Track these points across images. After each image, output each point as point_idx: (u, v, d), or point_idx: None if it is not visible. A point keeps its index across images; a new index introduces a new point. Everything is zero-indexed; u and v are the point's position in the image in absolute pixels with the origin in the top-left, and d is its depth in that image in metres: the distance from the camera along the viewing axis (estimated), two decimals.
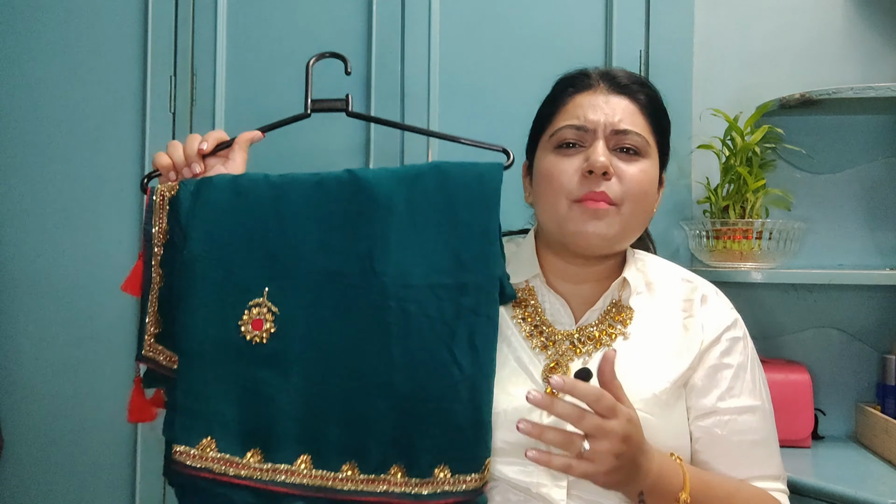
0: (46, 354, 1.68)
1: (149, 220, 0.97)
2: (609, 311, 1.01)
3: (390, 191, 0.94)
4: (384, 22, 1.62)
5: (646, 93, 1.02)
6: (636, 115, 0.99)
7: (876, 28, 1.61)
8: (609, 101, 0.99)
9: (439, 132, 1.06)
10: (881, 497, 1.19)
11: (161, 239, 0.97)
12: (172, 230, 0.96)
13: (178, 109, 1.67)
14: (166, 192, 0.98)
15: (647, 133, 1.00)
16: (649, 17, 1.60)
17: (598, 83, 1.01)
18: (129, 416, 1.02)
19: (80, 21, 1.69)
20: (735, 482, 0.96)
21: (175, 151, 1.03)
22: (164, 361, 0.97)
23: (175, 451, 0.93)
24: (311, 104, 1.08)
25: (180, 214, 0.96)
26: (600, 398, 0.81)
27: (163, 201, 0.98)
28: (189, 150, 1.03)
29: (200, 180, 0.98)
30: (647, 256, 1.09)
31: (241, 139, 1.07)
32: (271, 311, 0.92)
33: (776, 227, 1.48)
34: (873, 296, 1.60)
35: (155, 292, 0.97)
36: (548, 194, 0.98)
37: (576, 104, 1.00)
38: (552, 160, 0.99)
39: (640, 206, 0.98)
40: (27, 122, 1.70)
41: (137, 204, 1.68)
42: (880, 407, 1.52)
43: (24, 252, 1.69)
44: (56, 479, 1.68)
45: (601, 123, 0.97)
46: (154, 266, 0.96)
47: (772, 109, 1.52)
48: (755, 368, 1.01)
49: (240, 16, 1.67)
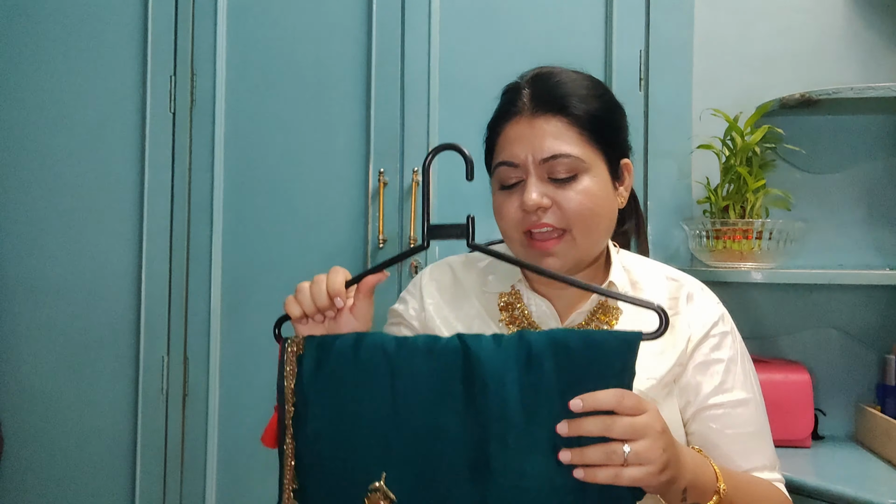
0: (46, 355, 1.68)
1: (280, 375, 0.92)
2: (595, 312, 1.01)
3: (502, 371, 0.82)
4: (384, 22, 1.62)
5: (575, 101, 0.96)
6: (565, 133, 0.95)
7: (876, 28, 1.61)
8: (533, 126, 0.95)
9: (602, 289, 0.90)
10: (881, 497, 1.19)
11: (291, 397, 0.92)
12: (297, 392, 0.92)
13: (178, 109, 1.67)
14: (296, 348, 0.92)
15: (581, 147, 0.95)
16: (649, 17, 1.60)
17: (523, 106, 0.98)
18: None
19: (80, 21, 1.69)
20: (747, 474, 0.96)
21: (305, 300, 0.91)
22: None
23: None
24: (429, 232, 0.91)
25: (303, 379, 0.91)
26: (622, 398, 0.76)
27: (292, 357, 0.92)
28: (320, 299, 0.91)
29: (324, 341, 0.91)
30: (631, 256, 1.09)
31: (366, 285, 0.93)
32: (388, 497, 0.86)
33: (776, 227, 1.48)
34: (873, 296, 1.60)
35: (291, 448, 0.92)
36: (501, 229, 1.00)
37: (506, 137, 0.98)
38: (498, 199, 0.99)
39: (592, 222, 0.96)
40: (27, 123, 1.70)
41: (137, 205, 1.68)
42: (880, 407, 1.52)
43: (25, 252, 1.69)
44: (56, 478, 1.68)
45: (528, 158, 0.95)
46: (288, 422, 0.92)
47: (772, 109, 1.52)
48: (745, 361, 1.01)
49: (240, 16, 1.67)
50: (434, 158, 0.90)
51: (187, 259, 1.66)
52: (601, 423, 0.76)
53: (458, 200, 1.58)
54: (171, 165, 1.67)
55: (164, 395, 1.67)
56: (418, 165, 1.60)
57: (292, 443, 0.91)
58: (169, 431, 1.67)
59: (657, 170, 1.60)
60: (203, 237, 1.67)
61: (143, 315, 1.67)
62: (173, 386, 1.67)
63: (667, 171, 1.60)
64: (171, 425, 1.67)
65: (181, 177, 1.67)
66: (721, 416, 0.97)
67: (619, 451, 0.75)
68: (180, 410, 1.66)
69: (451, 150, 0.90)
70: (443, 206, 1.58)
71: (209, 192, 1.67)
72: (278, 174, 1.66)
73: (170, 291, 1.67)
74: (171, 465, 1.66)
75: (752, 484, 0.95)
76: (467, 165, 0.89)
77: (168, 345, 1.67)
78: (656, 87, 1.60)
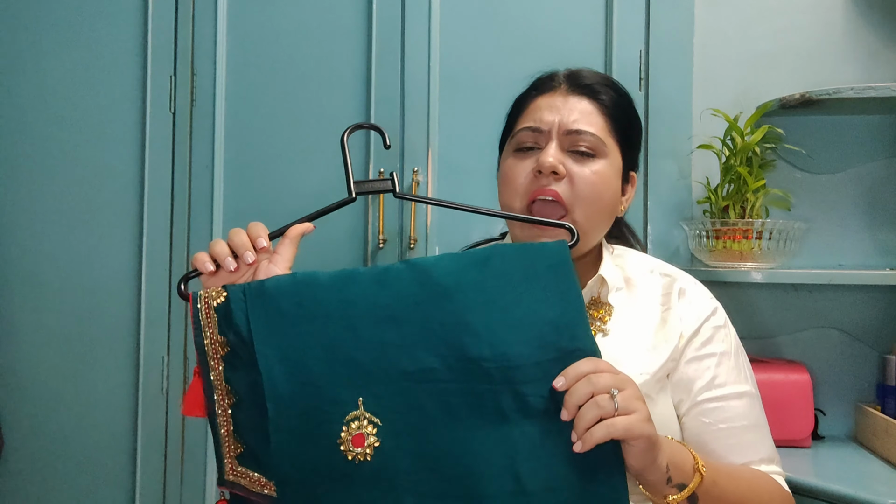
0: (47, 354, 1.68)
1: (198, 332, 0.85)
2: (587, 308, 1.01)
3: (456, 276, 0.85)
4: (384, 22, 1.62)
5: (609, 93, 1.02)
6: (594, 116, 0.99)
7: (876, 28, 1.61)
8: (567, 101, 1.00)
9: (508, 214, 0.98)
10: (881, 497, 1.19)
11: (217, 351, 0.86)
12: (232, 343, 0.85)
13: (178, 109, 1.67)
14: (212, 300, 0.86)
15: (605, 133, 0.99)
16: (649, 17, 1.60)
17: (560, 84, 1.02)
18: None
19: (80, 21, 1.69)
20: (732, 465, 0.96)
21: (220, 248, 0.88)
22: (249, 486, 0.85)
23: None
24: (356, 187, 0.95)
25: (238, 326, 0.85)
26: (597, 363, 0.80)
27: (208, 310, 0.86)
28: (240, 243, 0.89)
29: (251, 286, 0.86)
30: (625, 251, 1.09)
31: (293, 233, 0.92)
32: (372, 422, 0.82)
33: (776, 227, 1.48)
34: (873, 296, 1.60)
35: (226, 412, 0.85)
36: (505, 196, 1.01)
37: (536, 106, 1.02)
38: (510, 162, 1.01)
39: (595, 207, 0.98)
40: (27, 122, 1.70)
41: (137, 204, 1.68)
42: (880, 407, 1.52)
43: (25, 252, 1.69)
44: (56, 478, 1.68)
45: (555, 124, 0.98)
46: (216, 382, 0.85)
47: (772, 109, 1.52)
48: (738, 356, 1.01)
49: (240, 16, 1.67)
50: (353, 133, 0.97)
51: (187, 259, 1.67)
52: (588, 383, 0.78)
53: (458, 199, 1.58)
54: (171, 165, 1.67)
55: (164, 395, 1.67)
56: (418, 165, 1.60)
57: (231, 400, 0.85)
58: (169, 431, 1.67)
59: (657, 170, 1.60)
60: (203, 237, 1.66)
61: (143, 315, 1.67)
62: (173, 386, 1.67)
63: (667, 170, 1.60)
64: (171, 425, 1.67)
65: (181, 177, 1.67)
66: (713, 410, 0.97)
67: (607, 398, 0.77)
68: (180, 410, 1.66)
69: (370, 129, 1.03)
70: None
71: (209, 192, 1.67)
72: (278, 174, 1.66)
73: (170, 291, 1.67)
74: (171, 465, 1.67)
75: (738, 470, 0.95)
76: (383, 136, 0.98)
77: (168, 345, 1.67)
78: (656, 87, 1.59)
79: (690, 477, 0.85)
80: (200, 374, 0.86)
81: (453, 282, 0.84)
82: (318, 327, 0.84)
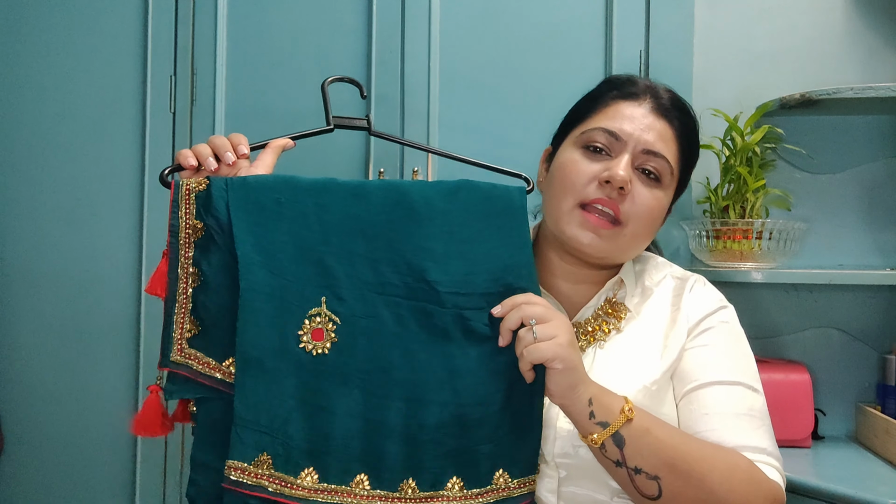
0: (47, 352, 1.68)
1: (175, 216, 0.90)
2: (604, 307, 1.03)
3: (430, 202, 0.94)
4: (384, 22, 1.62)
5: (684, 119, 1.03)
6: (670, 142, 1.01)
7: (876, 28, 1.61)
8: (648, 118, 1.00)
9: (467, 158, 1.08)
10: (881, 497, 1.19)
11: (190, 236, 0.90)
12: (211, 228, 0.89)
13: (178, 109, 1.67)
14: (192, 187, 0.91)
15: (675, 161, 1.01)
16: (649, 17, 1.59)
17: (643, 96, 1.02)
18: (134, 428, 0.93)
19: (80, 21, 1.69)
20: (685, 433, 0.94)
21: (203, 149, 0.96)
22: (198, 367, 0.89)
23: (230, 469, 0.85)
24: (334, 120, 1.09)
25: (218, 212, 0.89)
26: (530, 296, 0.90)
27: (188, 196, 0.90)
28: (221, 145, 0.96)
29: (233, 179, 0.92)
30: (646, 256, 1.10)
31: (275, 144, 1.01)
32: (332, 320, 0.89)
33: (776, 227, 1.48)
34: (873, 296, 1.60)
35: (186, 292, 0.89)
36: (558, 188, 1.00)
37: (616, 110, 1.01)
38: (575, 157, 1.00)
39: (645, 230, 1.00)
40: (27, 122, 1.70)
41: (137, 203, 1.68)
42: (880, 407, 1.52)
43: (25, 250, 1.69)
44: (56, 477, 1.67)
45: (634, 138, 0.98)
46: (184, 264, 0.89)
47: (772, 109, 1.52)
48: (736, 352, 1.00)
49: (240, 16, 1.67)
50: (331, 84, 1.10)
51: None
52: (518, 311, 0.87)
53: None
54: (171, 165, 1.67)
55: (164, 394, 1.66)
56: (418, 165, 1.60)
57: (196, 282, 0.89)
58: None
59: None
60: None
61: (143, 313, 1.67)
62: None
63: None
64: None
65: None
66: (699, 396, 0.95)
67: (528, 332, 0.85)
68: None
69: (349, 82, 1.15)
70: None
71: None
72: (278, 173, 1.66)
73: None
74: (171, 464, 1.66)
75: (692, 436, 0.92)
76: (361, 89, 1.11)
77: None
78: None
79: (615, 416, 0.85)
80: (168, 255, 0.90)
81: (424, 207, 0.93)
82: (294, 227, 0.91)
